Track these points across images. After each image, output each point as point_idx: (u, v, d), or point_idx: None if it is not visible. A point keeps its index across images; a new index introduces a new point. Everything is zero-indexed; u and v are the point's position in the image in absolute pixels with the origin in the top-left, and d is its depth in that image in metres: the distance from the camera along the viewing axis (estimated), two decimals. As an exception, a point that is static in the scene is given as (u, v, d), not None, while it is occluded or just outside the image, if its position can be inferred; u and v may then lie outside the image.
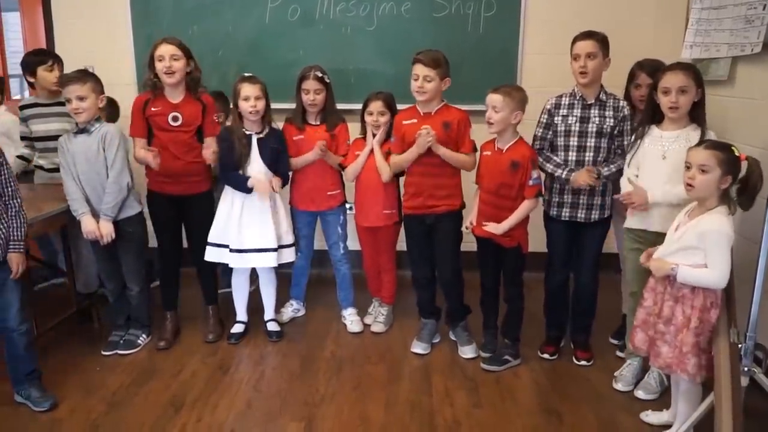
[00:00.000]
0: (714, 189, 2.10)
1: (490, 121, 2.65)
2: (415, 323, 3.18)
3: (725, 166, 2.08)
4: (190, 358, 2.94)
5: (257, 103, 2.85)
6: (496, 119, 2.64)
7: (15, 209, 2.42)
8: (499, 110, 2.63)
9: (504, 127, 2.66)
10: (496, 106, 2.63)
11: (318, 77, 2.98)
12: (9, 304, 2.43)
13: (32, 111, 3.17)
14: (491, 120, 2.64)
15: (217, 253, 2.98)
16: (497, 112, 2.63)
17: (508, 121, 2.65)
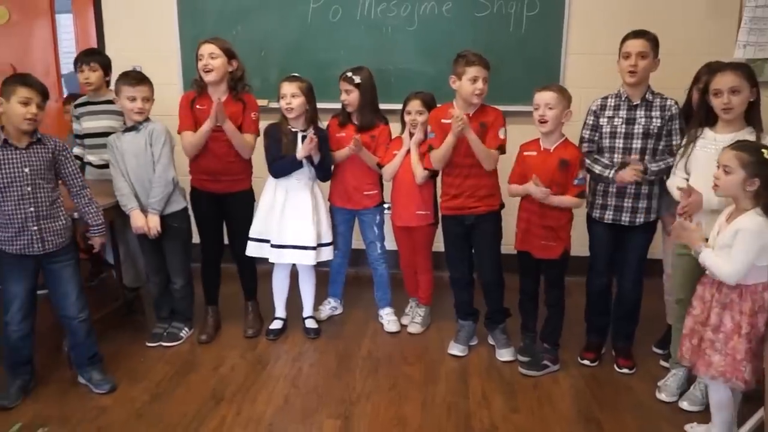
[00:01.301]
0: (739, 190, 2.09)
1: (544, 119, 2.63)
2: (452, 325, 3.19)
3: (750, 168, 2.05)
4: (230, 352, 3.02)
5: (292, 101, 2.91)
6: (551, 116, 2.62)
7: (87, 198, 2.59)
8: (553, 107, 2.62)
9: (557, 125, 2.65)
10: (550, 104, 2.62)
11: (347, 78, 3.04)
12: (67, 294, 2.56)
13: (84, 109, 3.30)
14: (546, 118, 2.63)
15: (257, 248, 3.05)
16: (551, 109, 2.62)
17: (560, 119, 2.64)
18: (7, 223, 2.41)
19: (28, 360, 2.61)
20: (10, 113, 2.37)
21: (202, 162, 2.99)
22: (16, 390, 2.55)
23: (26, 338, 2.56)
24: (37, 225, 2.43)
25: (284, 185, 3.00)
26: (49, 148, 2.47)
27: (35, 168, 2.42)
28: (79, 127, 3.31)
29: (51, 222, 2.47)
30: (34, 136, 2.43)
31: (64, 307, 2.58)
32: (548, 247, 2.74)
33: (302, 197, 2.99)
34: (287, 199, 2.99)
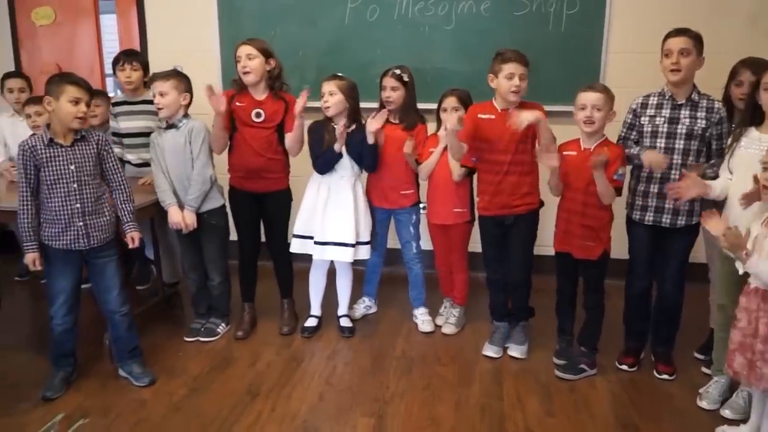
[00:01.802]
0: None
1: (591, 120, 2.58)
2: (487, 326, 3.17)
3: None
4: (265, 349, 3.05)
5: (329, 99, 2.92)
6: (598, 118, 2.58)
7: (125, 195, 2.63)
8: (600, 109, 2.58)
9: (602, 125, 2.61)
10: (598, 105, 2.58)
11: (396, 75, 3.04)
12: (110, 288, 2.63)
13: (121, 108, 3.37)
14: (593, 119, 2.58)
15: (301, 244, 3.08)
16: (599, 111, 2.58)
17: (605, 121, 2.60)
18: (54, 219, 2.48)
19: (71, 352, 2.69)
20: (59, 112, 2.43)
21: (240, 160, 3.03)
22: (59, 381, 2.63)
23: (70, 332, 2.63)
24: (82, 221, 2.50)
25: (327, 182, 3.02)
26: (93, 144, 2.53)
27: (80, 165, 2.48)
28: (117, 126, 3.39)
29: (96, 218, 2.54)
30: (78, 133, 2.50)
31: (106, 301, 2.65)
32: (588, 247, 2.69)
33: (344, 194, 3.01)
34: (330, 196, 3.01)
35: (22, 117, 3.57)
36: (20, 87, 3.66)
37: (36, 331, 3.26)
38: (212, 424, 2.43)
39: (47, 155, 2.44)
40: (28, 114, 3.35)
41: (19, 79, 3.69)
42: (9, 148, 3.65)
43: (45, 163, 2.44)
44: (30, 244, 2.49)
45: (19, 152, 2.45)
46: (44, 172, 2.45)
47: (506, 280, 2.99)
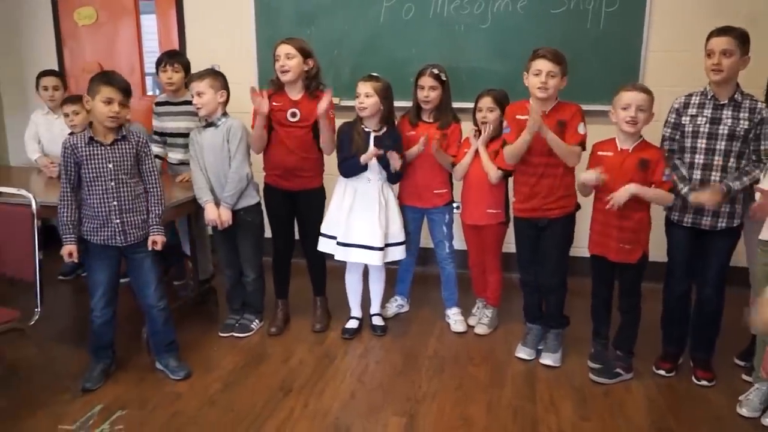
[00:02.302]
0: None
1: (635, 120, 2.53)
2: (520, 327, 3.15)
3: None
4: (298, 346, 3.08)
5: (365, 101, 2.92)
6: (642, 118, 2.53)
7: (157, 195, 2.66)
8: (645, 110, 2.53)
9: (642, 126, 2.56)
10: (642, 106, 2.52)
11: (434, 74, 3.03)
12: (147, 283, 2.68)
13: (164, 108, 3.44)
14: (637, 120, 2.53)
15: (327, 243, 3.09)
16: (643, 112, 2.53)
17: (647, 122, 2.56)
18: (93, 216, 2.54)
19: (110, 345, 2.75)
20: (95, 111, 2.50)
21: (275, 158, 3.06)
22: (98, 373, 2.70)
23: (108, 324, 2.69)
24: (119, 218, 2.55)
25: (354, 184, 3.02)
26: (133, 144, 2.59)
27: (118, 164, 2.54)
28: (160, 125, 3.45)
29: (133, 215, 2.59)
30: (119, 133, 2.55)
31: (144, 295, 2.70)
32: (625, 250, 2.64)
33: (371, 197, 3.00)
34: (356, 198, 3.01)
35: (57, 114, 3.68)
36: (54, 85, 3.75)
37: (76, 324, 3.34)
38: (246, 418, 2.46)
39: (87, 153, 2.50)
40: (65, 113, 3.44)
41: (53, 77, 3.78)
42: (43, 145, 3.76)
43: (85, 161, 2.50)
44: (68, 236, 2.55)
45: (62, 149, 2.52)
46: (84, 169, 2.51)
47: (540, 283, 2.96)
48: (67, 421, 2.42)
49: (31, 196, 2.48)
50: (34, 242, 2.45)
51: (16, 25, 4.49)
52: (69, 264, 3.78)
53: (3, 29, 4.51)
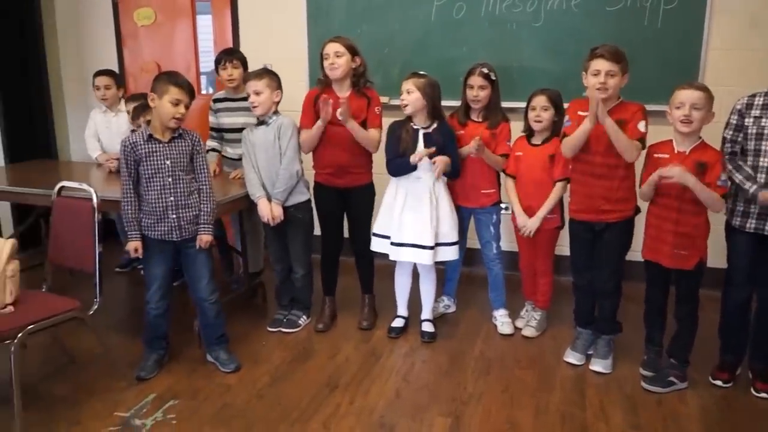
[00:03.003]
0: None
1: (689, 119, 2.45)
2: (569, 332, 3.09)
3: None
4: (344, 343, 3.10)
5: (407, 97, 2.91)
6: (696, 117, 2.45)
7: (207, 193, 2.70)
8: (700, 108, 2.44)
9: (699, 126, 2.47)
10: (697, 104, 2.44)
11: (484, 74, 3.00)
12: (200, 277, 2.74)
13: (222, 105, 3.50)
14: (691, 118, 2.44)
15: (380, 243, 3.09)
16: (698, 110, 2.44)
17: (704, 122, 2.47)
18: (151, 211, 2.62)
19: (164, 336, 2.83)
20: (160, 110, 2.56)
21: (326, 156, 3.08)
22: (153, 363, 2.77)
23: (163, 316, 2.77)
24: (175, 213, 2.62)
25: (405, 183, 3.00)
26: (189, 142, 2.65)
27: (175, 161, 2.60)
28: (216, 121, 3.52)
29: (188, 211, 2.65)
30: (176, 131, 2.62)
31: (197, 289, 2.76)
32: (680, 256, 2.55)
33: (421, 195, 2.97)
34: (408, 197, 2.99)
35: (114, 112, 3.81)
36: (106, 84, 3.87)
37: (132, 315, 3.45)
38: (293, 413, 2.49)
39: (146, 150, 2.57)
40: (128, 110, 3.56)
41: (104, 77, 3.90)
42: (102, 142, 3.90)
43: (144, 158, 2.57)
44: (133, 232, 2.63)
45: (122, 147, 2.60)
46: (143, 166, 2.59)
47: (593, 287, 2.89)
48: (122, 408, 2.51)
49: (93, 191, 2.56)
50: (94, 235, 2.53)
51: (79, 25, 4.66)
52: (126, 257, 3.94)
53: (67, 30, 4.68)
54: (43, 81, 4.60)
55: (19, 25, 4.43)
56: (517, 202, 3.06)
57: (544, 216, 2.99)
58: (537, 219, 2.99)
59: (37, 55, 4.55)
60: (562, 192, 2.98)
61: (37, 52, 4.55)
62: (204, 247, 2.70)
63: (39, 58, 4.56)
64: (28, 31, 4.49)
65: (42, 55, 4.58)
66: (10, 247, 2.35)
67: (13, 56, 4.38)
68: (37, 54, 4.55)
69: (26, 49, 4.49)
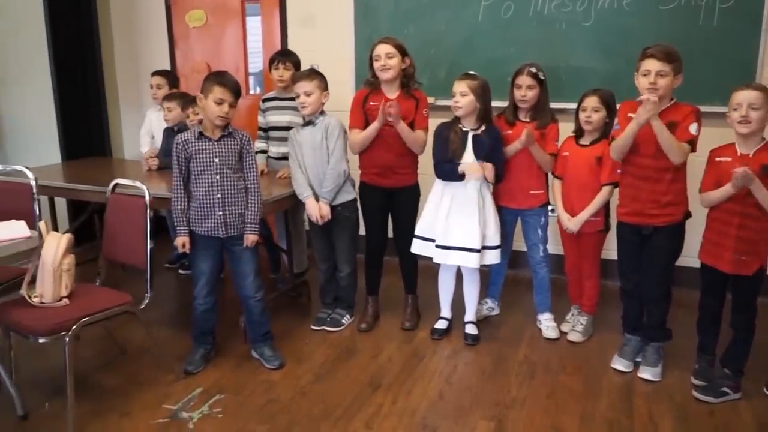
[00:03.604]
0: None
1: (747, 119, 2.36)
2: (616, 337, 3.01)
3: None
4: (387, 343, 3.10)
5: (460, 99, 2.88)
6: (754, 118, 2.36)
7: (254, 192, 2.73)
8: (758, 108, 2.35)
9: (759, 128, 2.38)
10: (755, 104, 2.35)
11: (532, 73, 2.95)
12: (245, 274, 2.78)
13: (271, 104, 3.54)
14: (749, 119, 2.36)
15: (423, 246, 3.07)
16: (755, 110, 2.35)
17: (764, 123, 2.38)
18: (198, 207, 2.66)
19: (211, 331, 2.88)
20: (206, 109, 2.61)
21: (373, 156, 3.08)
22: (200, 358, 2.82)
23: (210, 311, 2.81)
24: (222, 210, 2.66)
25: (452, 186, 2.97)
26: (238, 141, 2.69)
27: (224, 158, 2.65)
28: (264, 121, 3.57)
29: (234, 208, 2.68)
30: (225, 129, 2.66)
31: (243, 286, 2.80)
32: (741, 262, 2.46)
33: (470, 198, 2.94)
34: (454, 199, 2.96)
35: None
36: (158, 84, 3.99)
37: (180, 310, 3.52)
38: (335, 411, 2.49)
39: (196, 148, 2.63)
40: (168, 108, 3.64)
41: (157, 77, 4.02)
42: (155, 140, 3.99)
43: (194, 155, 2.63)
44: (182, 228, 2.69)
45: (174, 145, 2.65)
46: (193, 163, 2.64)
47: (641, 292, 2.81)
48: (170, 400, 2.56)
49: (145, 188, 2.62)
50: (146, 231, 2.58)
51: (133, 27, 4.78)
52: (175, 253, 4.03)
53: (121, 32, 4.81)
54: (99, 81, 4.74)
55: (76, 27, 4.58)
56: (561, 203, 3.01)
57: (587, 218, 2.93)
58: (578, 220, 2.94)
59: (93, 56, 4.69)
60: (608, 196, 2.91)
61: (93, 54, 4.69)
62: (250, 246, 2.73)
63: (95, 59, 4.70)
64: (85, 33, 4.64)
65: (98, 56, 4.72)
66: (67, 242, 2.42)
67: (70, 58, 4.52)
68: (93, 55, 4.69)
69: (83, 51, 4.63)
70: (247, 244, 2.72)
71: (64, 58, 4.49)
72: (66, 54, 4.49)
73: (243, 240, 2.72)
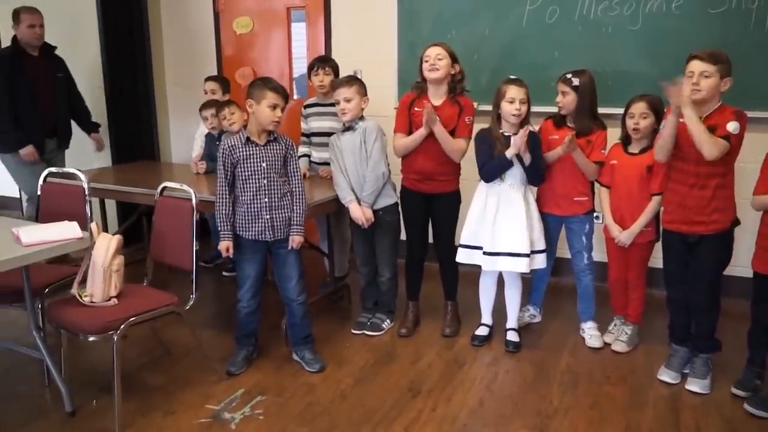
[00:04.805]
0: None
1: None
2: (662, 348, 2.92)
3: None
4: (427, 349, 3.08)
5: (522, 107, 2.85)
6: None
7: (299, 195, 2.76)
8: None
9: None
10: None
11: (565, 79, 2.91)
12: (289, 277, 2.80)
13: (312, 110, 3.58)
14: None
15: (468, 255, 3.03)
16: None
17: None
18: (246, 211, 2.70)
19: (254, 333, 2.91)
20: (259, 115, 2.64)
21: (414, 162, 3.08)
22: (242, 359, 2.86)
23: (254, 314, 2.85)
24: (269, 214, 2.69)
25: (496, 190, 2.95)
26: (282, 146, 2.72)
27: (270, 163, 2.68)
28: (306, 126, 3.60)
29: (281, 212, 2.71)
30: (271, 135, 2.70)
31: (286, 289, 2.83)
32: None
33: (515, 202, 2.92)
34: (499, 205, 2.93)
35: None
36: (212, 89, 4.04)
37: (223, 311, 3.58)
38: (375, 415, 2.49)
39: (244, 153, 2.66)
40: (204, 117, 3.70)
41: (211, 82, 4.08)
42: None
43: (241, 161, 2.66)
44: (225, 232, 2.73)
45: (220, 150, 2.70)
46: (240, 168, 2.67)
47: (688, 302, 2.72)
48: (213, 401, 2.60)
49: (192, 191, 2.67)
50: (192, 234, 2.63)
51: (183, 34, 4.89)
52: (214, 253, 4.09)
53: (171, 38, 4.93)
54: (149, 87, 4.88)
55: (128, 33, 4.72)
56: (609, 213, 2.94)
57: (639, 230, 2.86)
58: (630, 233, 2.87)
59: (144, 62, 4.83)
60: (659, 206, 2.84)
61: (144, 60, 4.83)
62: (296, 248, 2.75)
63: (145, 65, 4.84)
64: (137, 39, 4.78)
65: (148, 62, 4.85)
66: (117, 243, 2.49)
67: (121, 64, 4.67)
68: (144, 61, 4.83)
69: (134, 57, 4.78)
70: (293, 245, 2.74)
71: (116, 64, 4.65)
72: (117, 60, 4.65)
73: (288, 243, 2.74)
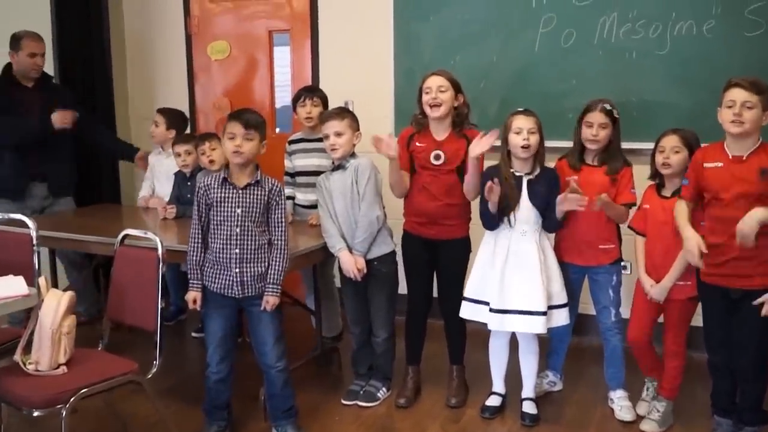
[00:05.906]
0: None
1: None
2: (702, 421, 2.86)
3: None
4: (430, 423, 3.00)
5: (531, 137, 2.83)
6: None
7: (279, 250, 2.69)
8: None
9: None
10: None
11: (606, 110, 2.91)
12: (264, 340, 2.73)
13: (298, 146, 3.57)
14: None
15: (473, 309, 2.98)
16: None
17: None
18: (214, 260, 2.66)
19: (225, 405, 2.82)
20: (225, 149, 2.65)
21: (416, 202, 3.06)
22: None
23: (224, 381, 2.76)
24: (239, 267, 2.63)
25: (506, 238, 2.91)
26: (266, 191, 2.68)
27: (247, 210, 2.64)
28: (291, 165, 3.59)
29: (253, 266, 2.65)
30: (253, 177, 2.66)
31: (262, 353, 2.75)
32: None
33: (528, 252, 2.87)
34: (509, 254, 2.89)
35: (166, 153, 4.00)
36: (155, 120, 4.06)
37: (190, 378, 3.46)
38: (370, 505, 2.40)
39: (219, 195, 2.63)
40: (177, 153, 3.70)
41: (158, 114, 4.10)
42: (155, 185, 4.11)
43: (215, 203, 2.63)
44: (195, 282, 2.68)
45: (196, 189, 2.68)
46: (213, 211, 2.64)
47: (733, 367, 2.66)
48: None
49: (158, 240, 2.61)
50: (158, 289, 2.56)
51: (149, 60, 4.93)
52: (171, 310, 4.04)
53: (136, 66, 4.96)
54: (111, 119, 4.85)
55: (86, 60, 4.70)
56: (643, 264, 2.90)
57: (673, 283, 2.81)
58: (662, 288, 2.82)
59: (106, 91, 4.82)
60: None
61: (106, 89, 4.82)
62: (269, 310, 2.68)
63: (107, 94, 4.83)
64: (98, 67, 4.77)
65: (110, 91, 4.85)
66: (68, 301, 2.41)
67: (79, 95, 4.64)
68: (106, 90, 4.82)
69: (93, 87, 4.75)
70: (267, 307, 2.67)
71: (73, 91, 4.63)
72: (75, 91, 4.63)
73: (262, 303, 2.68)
